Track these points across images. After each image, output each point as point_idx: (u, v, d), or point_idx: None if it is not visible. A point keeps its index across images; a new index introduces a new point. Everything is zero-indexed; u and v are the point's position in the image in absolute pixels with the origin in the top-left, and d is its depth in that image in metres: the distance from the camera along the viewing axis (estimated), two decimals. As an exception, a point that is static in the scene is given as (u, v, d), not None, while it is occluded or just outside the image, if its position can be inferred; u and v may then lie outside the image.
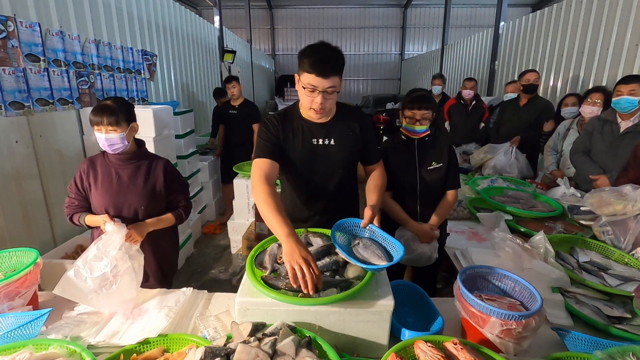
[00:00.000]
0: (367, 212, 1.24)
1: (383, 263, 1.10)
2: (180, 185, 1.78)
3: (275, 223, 1.16)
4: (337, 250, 1.17)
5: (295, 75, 1.34)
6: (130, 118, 1.59)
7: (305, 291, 1.00)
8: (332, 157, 1.46)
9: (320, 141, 1.44)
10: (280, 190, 1.68)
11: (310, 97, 1.29)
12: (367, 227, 1.29)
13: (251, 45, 10.59)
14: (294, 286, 1.03)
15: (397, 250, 1.18)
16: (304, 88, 1.28)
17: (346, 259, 1.13)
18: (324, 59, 1.24)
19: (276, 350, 0.90)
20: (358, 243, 1.21)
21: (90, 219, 1.58)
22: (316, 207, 1.56)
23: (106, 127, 1.52)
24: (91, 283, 1.24)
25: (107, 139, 1.54)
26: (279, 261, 1.20)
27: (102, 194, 1.60)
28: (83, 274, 1.25)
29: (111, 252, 1.32)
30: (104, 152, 1.65)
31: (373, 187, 1.45)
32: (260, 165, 1.36)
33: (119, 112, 1.54)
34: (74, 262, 2.11)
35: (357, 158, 1.53)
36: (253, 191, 1.32)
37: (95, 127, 1.53)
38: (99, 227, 1.60)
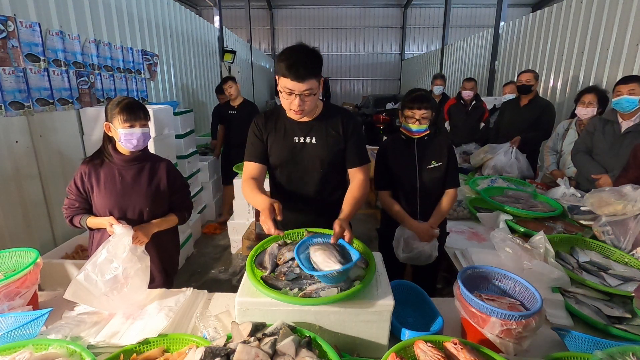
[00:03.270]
0: (335, 228, 1.17)
1: (335, 266, 1.05)
2: (182, 185, 1.78)
3: (257, 199, 1.31)
4: (296, 262, 1.13)
5: (276, 76, 1.35)
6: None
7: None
8: (312, 154, 1.47)
9: (302, 139, 1.46)
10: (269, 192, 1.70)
11: (288, 100, 1.32)
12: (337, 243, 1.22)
13: (251, 45, 10.59)
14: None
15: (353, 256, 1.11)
16: (281, 92, 1.31)
17: (301, 268, 1.09)
18: (299, 62, 1.24)
19: (276, 350, 0.90)
20: (314, 251, 1.15)
21: (92, 221, 1.56)
22: (300, 206, 1.56)
23: (141, 122, 1.54)
24: (102, 286, 1.24)
25: (144, 134, 1.56)
26: (278, 262, 1.20)
27: (105, 195, 1.57)
28: (93, 277, 1.25)
29: (121, 255, 1.32)
30: (102, 154, 1.62)
31: (349, 198, 1.41)
32: (246, 167, 1.50)
33: (145, 108, 1.59)
34: (75, 262, 2.14)
35: (340, 158, 1.51)
36: (242, 187, 1.45)
37: (128, 125, 1.52)
38: (100, 229, 1.60)
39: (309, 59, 1.27)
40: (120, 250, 1.33)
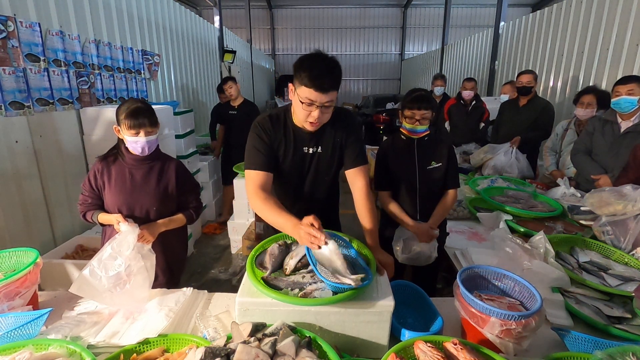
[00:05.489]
0: (380, 266, 1.22)
1: (346, 280, 1.04)
2: (191, 186, 1.79)
3: (281, 220, 1.22)
4: (310, 264, 1.12)
5: (290, 84, 1.28)
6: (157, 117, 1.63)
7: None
8: (320, 164, 1.45)
9: (311, 149, 1.42)
10: None
11: (307, 111, 1.25)
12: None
13: (251, 45, 10.59)
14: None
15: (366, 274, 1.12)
16: (302, 102, 1.23)
17: (315, 273, 1.08)
18: (324, 73, 1.19)
19: (276, 350, 0.90)
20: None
21: (103, 217, 1.60)
22: (301, 209, 1.52)
23: (147, 129, 1.54)
24: (106, 282, 1.26)
25: (149, 141, 1.56)
26: (286, 272, 1.18)
27: (115, 193, 1.60)
28: (98, 273, 1.27)
29: (125, 252, 1.34)
30: (116, 152, 1.65)
31: (367, 224, 1.41)
32: (254, 178, 1.35)
33: (154, 112, 1.58)
34: (75, 262, 2.14)
35: (342, 162, 1.50)
36: (250, 202, 1.33)
37: (133, 132, 1.53)
38: (112, 225, 1.61)
39: (333, 70, 1.22)
40: (124, 247, 1.35)
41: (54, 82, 2.59)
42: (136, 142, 1.55)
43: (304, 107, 1.24)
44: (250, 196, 1.33)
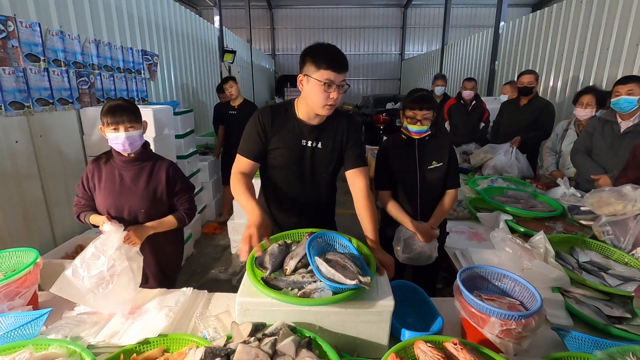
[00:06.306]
0: (380, 266, 1.21)
1: (350, 282, 1.03)
2: (184, 187, 1.75)
3: (248, 206, 1.30)
4: (310, 265, 1.12)
5: (300, 76, 1.33)
6: (141, 116, 1.63)
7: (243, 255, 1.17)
8: (318, 159, 1.46)
9: (310, 143, 1.44)
10: (260, 189, 1.68)
11: (326, 93, 1.29)
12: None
13: (251, 45, 10.59)
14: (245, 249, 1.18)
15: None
16: (323, 84, 1.27)
17: (315, 274, 1.08)
18: (337, 54, 1.30)
19: (276, 350, 0.90)
20: (329, 259, 1.14)
21: (93, 219, 1.60)
22: (297, 208, 1.56)
23: (126, 125, 1.54)
24: (88, 282, 1.24)
25: (129, 137, 1.55)
26: (286, 273, 1.18)
27: (104, 195, 1.60)
28: (80, 273, 1.25)
29: (108, 252, 1.32)
30: (108, 154, 1.64)
31: (367, 223, 1.41)
32: (242, 163, 1.45)
33: (135, 109, 1.57)
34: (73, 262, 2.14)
35: (341, 163, 1.51)
36: (231, 180, 1.42)
37: (112, 128, 1.52)
38: None
39: (341, 52, 1.32)
40: (108, 247, 1.33)
41: (54, 82, 2.59)
42: (117, 138, 1.53)
43: (325, 88, 1.28)
44: (232, 175, 1.43)
